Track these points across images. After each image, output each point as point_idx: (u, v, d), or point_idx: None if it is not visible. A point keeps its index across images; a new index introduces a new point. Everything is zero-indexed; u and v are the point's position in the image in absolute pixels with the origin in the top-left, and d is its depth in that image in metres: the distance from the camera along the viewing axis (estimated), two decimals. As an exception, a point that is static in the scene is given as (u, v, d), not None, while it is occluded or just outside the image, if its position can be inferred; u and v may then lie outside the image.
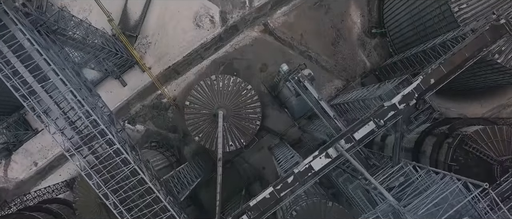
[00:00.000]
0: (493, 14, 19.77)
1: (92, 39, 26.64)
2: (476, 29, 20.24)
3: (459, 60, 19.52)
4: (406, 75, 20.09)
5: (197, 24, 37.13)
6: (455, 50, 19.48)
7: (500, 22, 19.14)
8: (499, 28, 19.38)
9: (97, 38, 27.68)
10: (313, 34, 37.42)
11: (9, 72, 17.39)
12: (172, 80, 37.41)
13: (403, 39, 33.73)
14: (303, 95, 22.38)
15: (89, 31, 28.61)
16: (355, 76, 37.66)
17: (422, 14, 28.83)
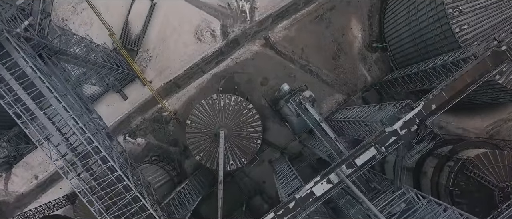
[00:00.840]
0: (495, 40, 19.82)
1: (93, 57, 26.64)
2: (477, 54, 20.26)
3: (461, 86, 19.57)
4: (407, 101, 20.09)
5: (198, 38, 37.18)
6: (456, 75, 19.52)
7: (502, 49, 19.18)
8: (500, 54, 19.44)
9: (98, 55, 27.69)
10: (314, 48, 37.46)
11: (11, 99, 17.42)
12: (173, 93, 37.43)
13: (404, 54, 33.79)
14: (304, 117, 22.39)
15: (90, 48, 28.67)
16: (356, 90, 37.68)
17: (423, 31, 28.88)
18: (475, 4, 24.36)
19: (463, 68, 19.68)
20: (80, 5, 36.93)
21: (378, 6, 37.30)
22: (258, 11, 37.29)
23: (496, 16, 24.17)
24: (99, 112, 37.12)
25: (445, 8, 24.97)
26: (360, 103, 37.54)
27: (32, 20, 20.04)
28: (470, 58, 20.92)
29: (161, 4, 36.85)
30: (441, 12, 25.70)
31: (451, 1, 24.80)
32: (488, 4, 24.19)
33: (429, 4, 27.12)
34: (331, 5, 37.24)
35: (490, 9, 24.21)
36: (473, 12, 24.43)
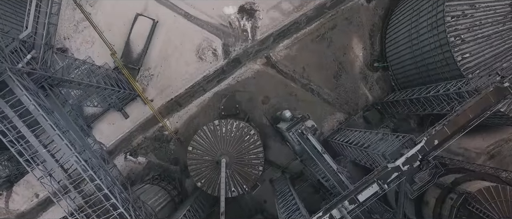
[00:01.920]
0: (497, 75, 19.83)
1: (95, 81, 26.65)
2: (480, 89, 20.27)
3: (463, 121, 19.59)
4: (409, 136, 20.06)
5: (199, 56, 37.20)
6: (459, 111, 19.53)
7: (504, 85, 19.19)
8: (503, 90, 19.45)
9: (100, 78, 27.69)
10: (315, 67, 37.48)
11: (14, 137, 17.42)
12: (174, 112, 37.43)
13: (406, 75, 33.80)
14: (306, 147, 22.37)
15: (91, 70, 28.66)
16: (357, 109, 37.68)
17: (425, 56, 28.89)
18: (477, 33, 24.39)
19: (466, 103, 19.66)
20: (82, 23, 36.96)
21: (380, 25, 37.36)
22: (260, 30, 37.33)
23: (498, 46, 24.19)
24: (101, 131, 37.60)
25: (447, 36, 24.98)
26: (361, 123, 37.62)
27: (35, 53, 20.08)
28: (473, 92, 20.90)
29: (162, 23, 36.87)
30: (443, 39, 25.72)
31: (453, 29, 24.81)
32: (490, 33, 24.21)
33: (430, 31, 27.13)
34: (332, 24, 37.29)
35: (492, 39, 24.24)
36: (475, 41, 24.46)
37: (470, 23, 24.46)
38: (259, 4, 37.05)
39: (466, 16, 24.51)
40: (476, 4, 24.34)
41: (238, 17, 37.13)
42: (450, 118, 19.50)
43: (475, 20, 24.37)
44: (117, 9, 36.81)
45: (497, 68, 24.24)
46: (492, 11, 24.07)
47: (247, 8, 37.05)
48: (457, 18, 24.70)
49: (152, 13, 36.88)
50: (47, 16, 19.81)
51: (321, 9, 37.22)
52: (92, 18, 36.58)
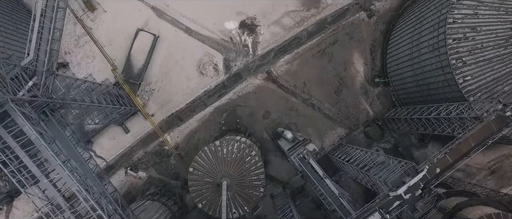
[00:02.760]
0: (499, 102, 19.84)
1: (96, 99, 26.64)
2: (482, 117, 20.26)
3: (465, 149, 19.59)
4: (410, 163, 20.05)
5: (200, 71, 37.19)
6: (461, 139, 19.53)
7: (507, 114, 19.19)
8: (505, 119, 19.44)
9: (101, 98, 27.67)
10: (316, 82, 37.48)
11: (15, 168, 17.39)
12: (175, 127, 37.40)
13: (407, 93, 33.83)
14: (307, 172, 22.36)
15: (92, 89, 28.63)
16: (358, 124, 37.69)
17: (426, 75, 28.89)
18: (478, 56, 24.40)
19: (468, 132, 19.65)
20: (83, 38, 36.93)
21: (381, 40, 37.38)
22: (261, 45, 37.34)
23: (500, 69, 24.20)
24: (101, 145, 37.55)
25: (448, 58, 25.00)
26: (362, 138, 37.63)
27: (37, 79, 20.05)
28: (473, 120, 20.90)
29: (163, 37, 36.86)
30: (444, 61, 25.73)
31: (454, 52, 24.82)
32: (491, 57, 24.22)
33: (432, 51, 27.14)
34: (333, 40, 37.32)
35: (494, 62, 24.24)
36: (476, 64, 24.47)
37: (471, 46, 24.46)
38: (260, 19, 37.08)
39: (467, 39, 24.53)
40: (477, 27, 24.35)
41: (239, 32, 37.15)
42: (452, 146, 19.48)
43: (477, 43, 24.39)
44: (118, 24, 36.80)
45: (499, 91, 24.28)
46: (493, 34, 24.09)
47: (248, 23, 37.06)
48: (458, 41, 24.72)
49: (153, 28, 36.88)
50: (49, 43, 19.78)
51: (322, 24, 37.25)
52: (93, 33, 36.68)
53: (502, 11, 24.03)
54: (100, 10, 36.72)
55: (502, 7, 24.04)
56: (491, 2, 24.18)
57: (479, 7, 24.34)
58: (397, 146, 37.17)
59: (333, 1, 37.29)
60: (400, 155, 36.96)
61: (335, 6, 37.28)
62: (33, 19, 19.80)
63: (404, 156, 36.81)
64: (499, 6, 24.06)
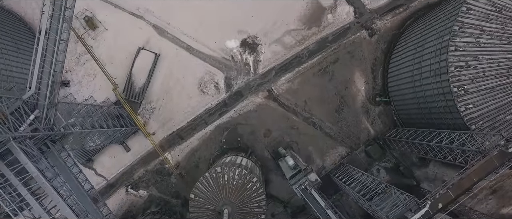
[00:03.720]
0: (502, 137, 19.80)
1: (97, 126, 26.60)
2: (484, 152, 20.23)
3: (468, 184, 19.56)
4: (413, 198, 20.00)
5: (202, 90, 37.16)
6: (463, 175, 19.49)
7: (509, 150, 19.16)
8: (507, 155, 19.41)
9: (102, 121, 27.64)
10: (317, 100, 37.45)
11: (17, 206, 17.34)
12: (175, 145, 37.35)
13: (408, 114, 33.81)
14: (309, 202, 22.30)
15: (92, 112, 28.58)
16: (359, 143, 37.65)
17: (428, 99, 28.85)
18: (480, 85, 24.38)
19: (470, 166, 19.62)
20: (84, 56, 36.89)
21: (382, 59, 37.39)
22: (262, 64, 37.33)
23: (501, 98, 24.18)
24: (102, 164, 37.53)
25: (450, 85, 24.96)
26: (363, 157, 37.59)
27: (38, 112, 20.01)
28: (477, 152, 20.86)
29: (164, 56, 36.84)
30: (446, 87, 25.69)
31: (456, 79, 24.79)
32: (493, 86, 24.20)
33: (433, 76, 27.12)
34: (334, 58, 37.31)
35: (495, 91, 24.22)
36: (478, 92, 24.44)
37: (473, 75, 24.44)
38: (261, 38, 37.08)
39: (469, 67, 24.51)
40: (479, 55, 24.34)
41: (240, 50, 37.14)
42: (454, 181, 19.45)
43: (479, 71, 24.37)
44: (119, 42, 36.78)
45: (501, 120, 24.26)
46: (495, 63, 24.07)
47: (249, 42, 37.06)
48: (460, 69, 24.69)
49: (154, 46, 36.87)
50: (50, 76, 19.74)
51: (323, 43, 37.25)
52: (94, 51, 36.70)
53: (504, 40, 24.03)
54: (101, 29, 36.72)
55: (504, 36, 24.04)
56: (493, 31, 24.17)
57: (481, 35, 24.33)
58: (398, 165, 37.13)
59: (334, 20, 37.32)
60: (401, 174, 37.01)
61: (336, 25, 37.31)
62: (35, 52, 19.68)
63: (405, 176, 36.90)
64: (501, 35, 24.06)
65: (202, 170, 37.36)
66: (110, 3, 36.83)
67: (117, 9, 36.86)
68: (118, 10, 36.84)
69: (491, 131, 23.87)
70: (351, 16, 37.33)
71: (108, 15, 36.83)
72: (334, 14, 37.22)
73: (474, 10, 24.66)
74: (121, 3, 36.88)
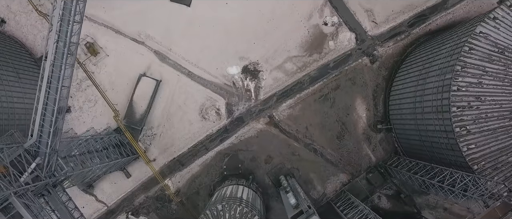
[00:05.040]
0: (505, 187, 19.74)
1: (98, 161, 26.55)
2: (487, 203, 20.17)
3: (470, 235, 19.47)
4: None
5: (203, 116, 37.10)
6: (465, 225, 19.42)
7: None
8: (509, 206, 19.34)
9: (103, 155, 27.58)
10: (318, 127, 37.41)
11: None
12: (176, 171, 37.29)
13: (409, 144, 33.74)
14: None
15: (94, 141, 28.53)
16: (360, 170, 37.58)
17: (429, 134, 28.79)
18: (483, 126, 24.32)
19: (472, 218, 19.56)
20: (85, 82, 36.85)
21: (384, 86, 37.34)
22: (263, 90, 37.30)
23: (504, 140, 24.13)
24: (102, 190, 37.50)
25: (452, 125, 24.90)
26: (364, 184, 37.53)
27: (40, 160, 19.94)
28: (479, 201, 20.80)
29: (166, 82, 36.81)
30: (448, 126, 25.62)
31: (458, 119, 24.73)
32: (496, 127, 24.15)
33: (435, 112, 27.05)
34: (335, 85, 37.28)
35: (498, 133, 24.17)
36: (481, 133, 24.38)
37: (476, 115, 24.39)
38: (262, 64, 37.07)
39: (471, 107, 24.45)
40: (481, 96, 24.29)
41: (241, 77, 37.11)
42: (456, 232, 19.39)
43: (481, 112, 24.31)
44: (120, 68, 36.75)
45: (503, 161, 24.19)
46: (498, 105, 24.02)
47: (250, 68, 37.03)
48: (462, 109, 24.64)
49: (155, 72, 36.84)
50: (52, 125, 19.68)
51: (324, 69, 37.23)
52: (95, 77, 36.71)
53: (507, 82, 23.98)
54: (102, 55, 36.70)
55: (507, 78, 23.99)
56: (496, 72, 24.13)
57: (484, 76, 24.28)
58: (399, 192, 37.04)
59: (335, 46, 37.31)
60: (402, 202, 36.92)
61: (337, 52, 37.31)
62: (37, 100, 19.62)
63: (406, 203, 36.80)
64: (504, 77, 24.01)
65: (203, 197, 37.40)
66: (111, 29, 36.82)
67: (119, 35, 36.85)
68: (119, 36, 36.83)
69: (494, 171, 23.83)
70: (352, 43, 37.33)
71: (109, 41, 36.83)
72: (335, 41, 37.21)
73: (476, 50, 24.63)
74: (123, 29, 36.89)
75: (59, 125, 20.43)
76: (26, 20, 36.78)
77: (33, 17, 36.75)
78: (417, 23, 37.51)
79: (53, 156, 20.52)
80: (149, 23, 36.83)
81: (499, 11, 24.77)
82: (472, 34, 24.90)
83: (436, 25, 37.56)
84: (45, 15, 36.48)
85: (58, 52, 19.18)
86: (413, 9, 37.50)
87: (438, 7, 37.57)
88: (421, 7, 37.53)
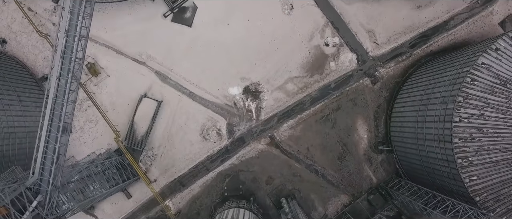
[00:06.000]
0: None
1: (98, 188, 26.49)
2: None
3: None
4: None
5: (204, 136, 37.05)
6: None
7: (514, 242, 19.08)
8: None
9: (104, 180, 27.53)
10: (319, 148, 37.36)
11: None
12: (177, 192, 37.23)
13: (411, 167, 33.68)
14: None
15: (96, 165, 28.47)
16: (362, 191, 37.52)
17: (431, 160, 28.74)
18: (485, 158, 24.29)
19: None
20: (86, 102, 36.80)
21: (385, 107, 37.31)
22: (264, 110, 37.26)
23: (506, 173, 24.11)
24: (103, 210, 37.38)
25: (454, 156, 24.86)
26: (365, 205, 37.46)
27: (41, 197, 19.88)
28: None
29: (167, 102, 36.77)
30: (450, 156, 25.60)
31: (460, 151, 24.69)
32: (498, 160, 24.12)
33: (437, 141, 27.00)
34: (337, 105, 37.27)
35: (500, 165, 24.14)
36: (483, 165, 24.35)
37: (478, 147, 24.36)
38: (264, 85, 37.05)
39: (474, 139, 24.42)
40: (484, 128, 24.26)
41: (243, 97, 37.08)
42: None
43: (483, 144, 24.28)
44: (121, 88, 36.71)
45: (505, 193, 24.17)
46: (500, 138, 24.00)
47: (252, 89, 37.00)
48: (464, 140, 24.60)
49: (156, 92, 36.81)
50: (54, 163, 19.62)
51: (325, 90, 37.21)
52: (96, 97, 36.68)
53: (509, 115, 23.96)
54: (103, 75, 36.65)
55: (509, 111, 23.97)
56: (498, 105, 24.10)
57: (486, 108, 24.25)
58: (400, 214, 36.96)
59: (337, 67, 37.31)
60: (403, 223, 36.85)
61: (339, 72, 37.30)
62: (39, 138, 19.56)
63: (407, 225, 36.72)
64: (506, 110, 23.98)
65: (203, 218, 37.30)
66: (112, 49, 36.80)
67: (120, 55, 36.82)
68: (120, 56, 36.81)
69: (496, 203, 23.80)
70: (354, 64, 37.33)
71: (110, 61, 36.81)
72: (336, 62, 37.22)
73: (478, 81, 24.60)
74: (124, 49, 36.87)
75: (61, 161, 20.37)
76: (27, 40, 36.75)
77: (34, 37, 36.73)
78: (418, 44, 37.53)
79: (55, 192, 20.46)
80: (150, 44, 36.82)
81: (501, 42, 24.75)
82: (474, 65, 24.88)
83: (437, 46, 37.59)
84: (46, 35, 36.48)
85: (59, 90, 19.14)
86: (415, 30, 37.53)
87: (439, 28, 37.60)
88: (423, 28, 37.56)
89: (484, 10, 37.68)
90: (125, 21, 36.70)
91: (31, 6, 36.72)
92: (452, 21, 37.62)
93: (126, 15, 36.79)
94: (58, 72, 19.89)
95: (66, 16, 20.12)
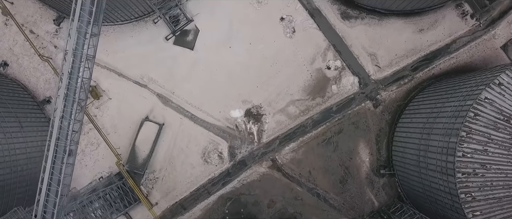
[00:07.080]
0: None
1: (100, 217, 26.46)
2: None
3: None
4: None
5: (205, 159, 36.99)
6: None
7: None
8: None
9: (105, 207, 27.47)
10: (321, 171, 37.30)
11: None
12: (178, 215, 37.12)
13: (413, 193, 33.61)
14: None
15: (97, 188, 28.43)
16: (363, 215, 37.43)
17: (433, 191, 28.69)
18: (488, 194, 24.23)
19: None
20: (87, 125, 36.71)
21: (387, 130, 37.24)
22: (266, 133, 37.19)
23: (509, 209, 24.05)
24: (104, 233, 37.07)
25: (457, 191, 24.80)
26: (367, 229, 37.39)
27: (43, 239, 19.80)
28: None
29: (168, 125, 36.72)
30: (453, 189, 25.53)
31: (463, 185, 24.63)
32: (501, 196, 24.06)
33: (440, 172, 26.94)
34: (338, 129, 37.21)
35: (503, 202, 24.08)
36: (486, 201, 24.29)
37: (481, 183, 24.30)
38: (265, 108, 37.00)
39: (477, 174, 24.36)
40: (487, 164, 24.19)
41: (244, 120, 37.03)
42: None
43: (486, 180, 24.21)
44: (123, 111, 36.67)
45: (508, 230, 24.11)
46: (503, 174, 23.94)
47: (253, 112, 36.96)
48: (468, 175, 24.54)
49: (158, 115, 36.77)
50: (56, 206, 19.57)
51: (327, 113, 37.16)
52: (98, 120, 36.64)
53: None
54: (105, 98, 36.62)
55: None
56: (501, 141, 24.03)
57: (489, 144, 24.18)
58: (402, 238, 36.87)
59: (338, 90, 37.28)
60: (405, 247, 36.72)
61: (340, 95, 37.26)
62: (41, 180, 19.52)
63: (409, 249, 36.58)
64: (509, 146, 23.92)
65: (205, 242, 37.26)
66: (114, 72, 36.79)
67: (121, 78, 36.81)
68: (122, 79, 36.79)
69: (499, 239, 23.73)
70: (355, 87, 37.30)
71: (112, 84, 36.78)
72: (338, 85, 37.19)
73: (481, 116, 24.55)
74: (125, 72, 36.86)
75: (63, 203, 20.32)
76: (28, 62, 36.74)
77: (36, 60, 36.73)
78: (420, 67, 37.52)
79: (57, 232, 20.42)
80: (152, 66, 36.82)
81: (504, 77, 24.72)
82: (477, 99, 24.84)
83: (439, 69, 37.57)
84: (48, 58, 36.46)
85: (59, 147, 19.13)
86: (417, 53, 37.52)
87: (441, 51, 37.59)
88: (425, 51, 37.55)
89: (486, 33, 37.67)
90: (127, 44, 36.71)
91: (33, 29, 36.74)
92: (454, 44, 37.61)
93: (128, 38, 36.81)
94: (64, 92, 19.72)
95: (73, 35, 19.99)
